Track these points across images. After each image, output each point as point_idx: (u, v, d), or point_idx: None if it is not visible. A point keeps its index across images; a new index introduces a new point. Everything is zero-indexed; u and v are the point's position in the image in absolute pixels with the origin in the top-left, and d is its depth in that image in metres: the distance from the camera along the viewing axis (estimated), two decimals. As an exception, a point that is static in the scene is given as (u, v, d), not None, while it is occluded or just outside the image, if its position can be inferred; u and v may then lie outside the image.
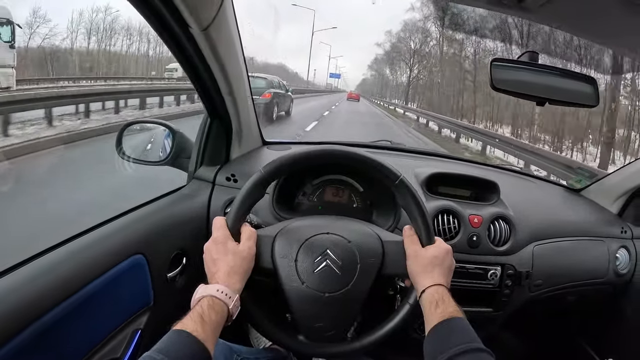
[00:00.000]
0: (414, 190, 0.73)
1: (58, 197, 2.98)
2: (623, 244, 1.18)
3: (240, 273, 0.66)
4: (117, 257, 0.72)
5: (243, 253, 0.67)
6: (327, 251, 0.70)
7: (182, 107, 9.34)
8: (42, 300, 0.58)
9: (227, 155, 1.08)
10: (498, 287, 1.03)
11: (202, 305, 0.60)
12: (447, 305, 0.64)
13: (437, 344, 0.60)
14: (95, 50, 21.89)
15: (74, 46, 20.45)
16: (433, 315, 0.63)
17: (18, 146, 4.24)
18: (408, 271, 0.71)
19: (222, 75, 0.87)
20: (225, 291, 0.62)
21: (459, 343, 0.58)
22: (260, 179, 0.71)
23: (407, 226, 0.74)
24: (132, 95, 8.28)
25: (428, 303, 0.65)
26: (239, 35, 0.87)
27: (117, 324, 0.72)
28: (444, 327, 0.62)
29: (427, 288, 0.66)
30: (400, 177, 0.73)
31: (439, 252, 0.70)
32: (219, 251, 0.66)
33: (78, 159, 4.61)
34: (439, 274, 0.68)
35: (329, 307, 0.68)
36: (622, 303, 1.20)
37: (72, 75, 17.12)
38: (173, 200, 0.96)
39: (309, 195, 1.06)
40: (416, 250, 0.71)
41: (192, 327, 0.56)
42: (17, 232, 2.26)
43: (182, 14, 0.67)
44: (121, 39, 23.22)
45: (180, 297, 0.87)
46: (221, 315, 0.61)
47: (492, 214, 1.04)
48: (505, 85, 0.79)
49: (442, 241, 0.73)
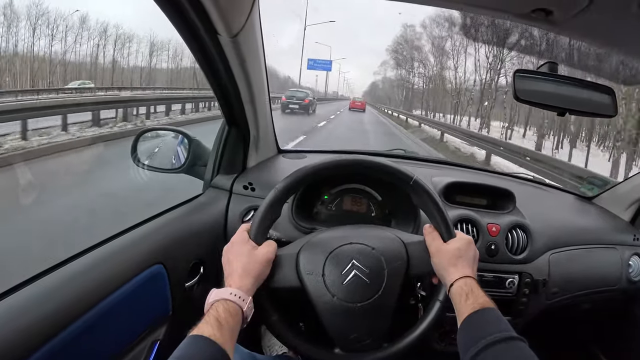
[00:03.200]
0: (429, 188, 0.73)
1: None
2: (635, 252, 1.19)
3: (253, 276, 0.65)
4: (137, 268, 0.71)
5: (258, 256, 0.66)
6: (354, 261, 0.69)
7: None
8: (63, 312, 0.57)
9: (244, 163, 1.07)
10: (515, 295, 1.03)
11: (218, 309, 0.59)
12: (477, 297, 0.64)
13: (471, 335, 0.60)
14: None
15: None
16: (464, 307, 0.63)
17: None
18: (434, 268, 0.71)
19: (245, 83, 0.87)
20: (239, 294, 0.61)
21: (493, 332, 0.58)
22: (275, 196, 0.71)
23: (427, 225, 0.74)
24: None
25: (458, 296, 0.65)
26: (263, 44, 0.88)
27: (136, 335, 0.71)
28: (476, 317, 0.61)
29: (455, 281, 0.66)
30: (414, 177, 0.73)
31: (461, 244, 0.70)
32: (234, 252, 0.67)
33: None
34: (464, 265, 0.68)
35: (362, 317, 0.68)
36: (634, 310, 1.21)
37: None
38: (190, 209, 0.95)
39: (328, 204, 1.05)
40: (438, 245, 0.71)
41: (209, 331, 0.55)
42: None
43: (212, 21, 0.67)
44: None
45: (198, 307, 0.85)
46: (237, 318, 0.60)
47: (510, 223, 1.05)
48: (527, 96, 0.79)
49: (462, 234, 0.73)
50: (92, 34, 23.08)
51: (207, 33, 0.70)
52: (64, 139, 5.90)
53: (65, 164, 5.02)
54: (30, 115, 5.64)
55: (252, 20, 0.75)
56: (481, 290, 0.65)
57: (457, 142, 12.15)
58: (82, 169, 4.45)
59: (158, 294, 0.77)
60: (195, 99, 12.74)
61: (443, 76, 25.18)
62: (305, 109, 16.36)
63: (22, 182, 3.60)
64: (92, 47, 23.16)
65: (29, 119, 5.56)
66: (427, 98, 27.82)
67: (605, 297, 1.16)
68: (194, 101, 12.50)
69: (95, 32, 22.53)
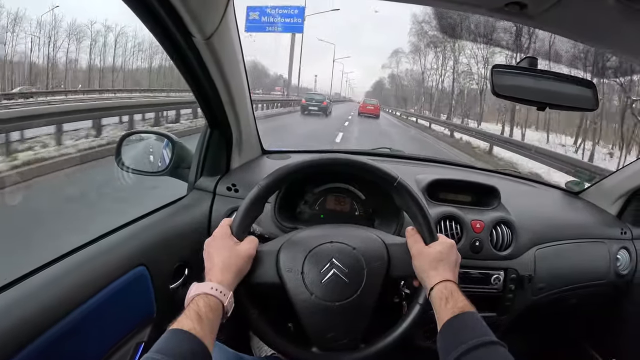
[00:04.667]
0: (412, 191, 0.73)
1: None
2: (623, 245, 1.19)
3: (234, 271, 0.65)
4: (119, 270, 0.71)
5: (240, 251, 0.67)
6: (333, 260, 0.69)
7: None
8: (45, 314, 0.57)
9: (228, 165, 1.07)
10: (501, 291, 1.03)
11: (198, 303, 0.59)
12: (457, 300, 0.64)
13: (451, 339, 0.60)
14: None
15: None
16: (444, 311, 0.63)
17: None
18: (415, 271, 0.70)
19: (223, 85, 0.87)
20: (219, 288, 0.62)
21: (472, 337, 0.58)
22: (258, 193, 0.71)
23: (409, 227, 0.74)
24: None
25: (438, 299, 0.65)
26: (240, 45, 0.87)
27: (120, 337, 0.71)
28: (455, 322, 0.61)
29: (436, 285, 0.66)
30: (398, 178, 0.73)
31: (442, 247, 0.70)
32: (215, 246, 0.67)
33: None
34: (445, 269, 0.68)
35: (340, 316, 0.68)
36: (623, 304, 1.21)
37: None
38: (174, 211, 0.95)
39: (311, 204, 1.05)
40: (420, 248, 0.70)
41: (189, 325, 0.55)
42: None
43: (185, 23, 0.67)
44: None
45: (183, 309, 0.86)
46: (217, 312, 0.60)
47: (494, 219, 1.04)
48: (506, 91, 0.79)
49: (445, 237, 0.73)
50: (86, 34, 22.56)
51: (181, 35, 0.70)
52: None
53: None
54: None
55: (226, 21, 0.75)
56: (461, 294, 0.65)
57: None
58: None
59: (141, 295, 0.77)
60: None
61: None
62: (324, 110, 17.16)
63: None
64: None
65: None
66: (465, 101, 20.70)
67: (593, 291, 1.16)
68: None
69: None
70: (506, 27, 14.75)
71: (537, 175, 7.27)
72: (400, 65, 28.90)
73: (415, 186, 1.09)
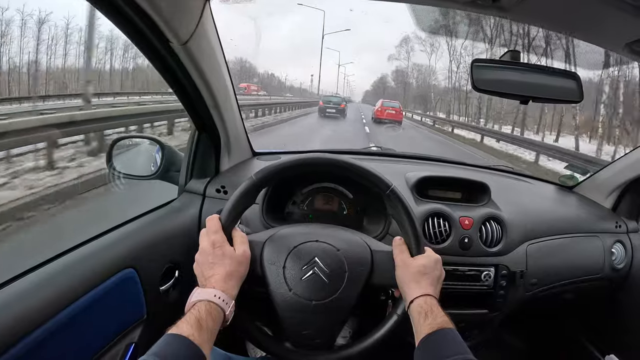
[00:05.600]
0: (404, 201, 0.72)
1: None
2: (618, 239, 1.18)
3: (236, 278, 0.66)
4: (107, 272, 0.72)
5: (239, 258, 0.67)
6: (316, 259, 0.70)
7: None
8: (32, 316, 0.58)
9: (217, 167, 1.08)
10: (492, 288, 1.03)
11: (200, 310, 0.59)
12: (435, 316, 0.63)
13: (427, 356, 0.60)
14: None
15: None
16: (422, 327, 0.63)
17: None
18: (397, 281, 0.70)
19: (206, 89, 0.87)
20: (223, 297, 0.62)
21: (449, 354, 0.58)
22: (251, 184, 0.71)
23: (397, 237, 0.74)
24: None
25: (417, 314, 0.65)
26: (221, 48, 0.88)
27: (110, 338, 0.72)
28: (433, 338, 0.61)
29: (416, 298, 0.66)
30: (392, 186, 0.73)
31: (427, 261, 0.70)
32: (216, 255, 0.66)
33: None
34: (428, 283, 0.68)
35: (316, 315, 0.68)
36: (620, 297, 1.19)
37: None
38: (164, 214, 0.96)
39: (299, 204, 1.06)
40: (405, 260, 0.70)
41: (188, 331, 0.55)
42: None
43: (161, 29, 0.68)
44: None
45: (174, 309, 0.86)
46: (218, 321, 0.60)
47: (483, 215, 1.04)
48: (486, 85, 0.79)
49: (431, 251, 0.73)
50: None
51: (157, 41, 0.71)
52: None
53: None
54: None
55: (203, 26, 0.76)
56: (441, 310, 0.65)
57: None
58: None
59: (131, 297, 0.78)
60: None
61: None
62: (342, 113, 17.12)
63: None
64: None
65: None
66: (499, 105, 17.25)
67: (589, 286, 1.14)
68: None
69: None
70: (492, 23, 14.22)
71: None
72: (414, 56, 24.10)
73: (404, 184, 1.09)
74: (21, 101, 10.19)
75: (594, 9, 0.62)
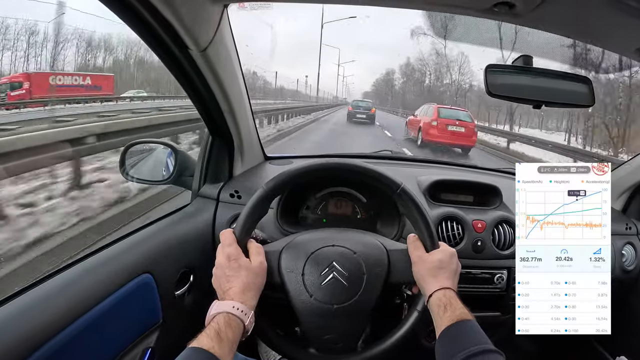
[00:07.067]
0: (415, 198, 0.73)
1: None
2: (628, 240, 1.18)
3: (254, 289, 0.66)
4: (125, 277, 0.73)
5: (256, 269, 0.67)
6: (334, 263, 0.70)
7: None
8: (53, 322, 0.59)
9: (230, 172, 1.08)
10: (505, 290, 1.03)
11: (219, 322, 0.59)
12: (455, 308, 0.64)
13: (448, 348, 0.60)
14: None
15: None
16: (442, 319, 0.63)
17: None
18: (414, 277, 0.71)
19: (222, 94, 0.88)
20: (241, 308, 0.62)
21: (470, 345, 0.58)
22: (263, 195, 0.72)
23: (411, 234, 0.75)
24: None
25: (436, 307, 0.65)
26: (237, 55, 0.89)
27: (127, 343, 0.72)
28: (453, 330, 0.62)
29: (434, 292, 0.67)
30: (402, 185, 0.73)
31: (443, 255, 0.70)
32: (232, 268, 0.66)
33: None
34: (445, 277, 0.68)
35: (338, 319, 0.69)
36: (630, 299, 1.19)
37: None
38: (178, 219, 0.97)
39: (313, 208, 1.06)
40: (421, 255, 0.71)
41: (208, 344, 0.56)
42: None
43: (180, 36, 0.69)
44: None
45: (189, 314, 0.88)
46: (237, 332, 0.60)
47: (495, 218, 1.04)
48: (500, 90, 0.80)
49: (446, 245, 0.73)
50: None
51: (176, 48, 0.72)
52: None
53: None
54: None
55: (221, 33, 0.77)
56: (460, 302, 0.65)
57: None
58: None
59: (147, 302, 0.78)
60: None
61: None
62: (372, 119, 15.49)
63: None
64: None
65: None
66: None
67: None
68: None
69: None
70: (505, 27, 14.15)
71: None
72: (425, 49, 20.90)
73: (416, 187, 1.10)
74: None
75: (606, 15, 0.63)
